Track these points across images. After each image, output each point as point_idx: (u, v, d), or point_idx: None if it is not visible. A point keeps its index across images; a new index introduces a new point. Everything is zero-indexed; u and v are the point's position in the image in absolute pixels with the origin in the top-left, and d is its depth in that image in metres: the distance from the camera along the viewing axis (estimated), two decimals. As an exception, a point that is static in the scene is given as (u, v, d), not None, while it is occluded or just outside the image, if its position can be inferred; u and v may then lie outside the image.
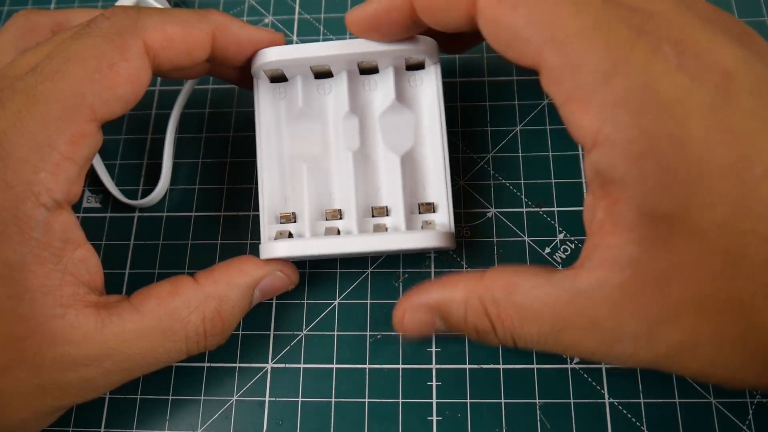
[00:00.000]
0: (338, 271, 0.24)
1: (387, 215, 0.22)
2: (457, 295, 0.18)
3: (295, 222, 0.22)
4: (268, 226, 0.22)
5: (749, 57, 0.16)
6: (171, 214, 0.26)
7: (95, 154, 0.19)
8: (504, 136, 0.26)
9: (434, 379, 0.23)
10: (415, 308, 0.19)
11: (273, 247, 0.21)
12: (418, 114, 0.23)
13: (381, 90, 0.23)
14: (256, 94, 0.23)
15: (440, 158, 0.22)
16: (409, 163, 0.22)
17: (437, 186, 0.22)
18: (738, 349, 0.16)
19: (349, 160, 0.22)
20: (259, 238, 0.25)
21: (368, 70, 0.23)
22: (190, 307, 0.19)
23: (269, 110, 0.23)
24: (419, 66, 0.23)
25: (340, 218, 0.22)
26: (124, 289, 0.25)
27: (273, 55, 0.21)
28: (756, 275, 0.15)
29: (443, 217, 0.21)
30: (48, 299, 0.17)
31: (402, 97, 0.22)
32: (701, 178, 0.15)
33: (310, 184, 0.22)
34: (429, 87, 0.22)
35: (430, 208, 0.22)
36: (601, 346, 0.17)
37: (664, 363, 0.17)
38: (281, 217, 0.22)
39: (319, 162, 0.22)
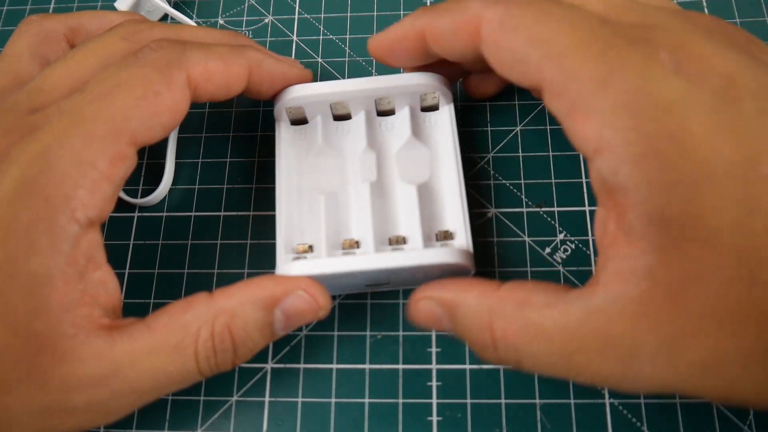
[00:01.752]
0: (338, 271, 0.24)
1: (404, 243, 0.22)
2: (469, 299, 0.18)
3: (312, 252, 0.22)
4: (284, 257, 0.21)
5: (751, 63, 0.16)
6: (171, 214, 0.26)
7: (128, 177, 0.19)
8: (504, 136, 0.26)
9: (434, 379, 0.23)
10: (429, 299, 0.19)
11: (287, 269, 0.20)
12: (434, 150, 0.23)
13: (398, 128, 0.24)
14: (277, 134, 0.24)
15: (456, 189, 0.22)
16: (426, 194, 0.22)
17: (454, 215, 0.22)
18: (765, 366, 0.15)
19: (366, 191, 0.22)
20: (259, 238, 0.25)
21: (386, 112, 0.24)
22: (200, 320, 0.18)
23: (289, 148, 0.24)
24: (434, 108, 0.24)
25: (358, 248, 0.22)
26: (124, 289, 0.25)
27: (295, 93, 0.22)
28: None
29: (462, 241, 0.21)
30: (64, 317, 0.17)
31: (418, 133, 0.23)
32: (707, 177, 0.15)
33: (327, 215, 0.22)
34: (444, 125, 0.23)
35: (448, 235, 0.22)
36: (616, 367, 0.16)
37: (686, 384, 0.15)
38: (298, 249, 0.22)
39: (336, 194, 0.23)
